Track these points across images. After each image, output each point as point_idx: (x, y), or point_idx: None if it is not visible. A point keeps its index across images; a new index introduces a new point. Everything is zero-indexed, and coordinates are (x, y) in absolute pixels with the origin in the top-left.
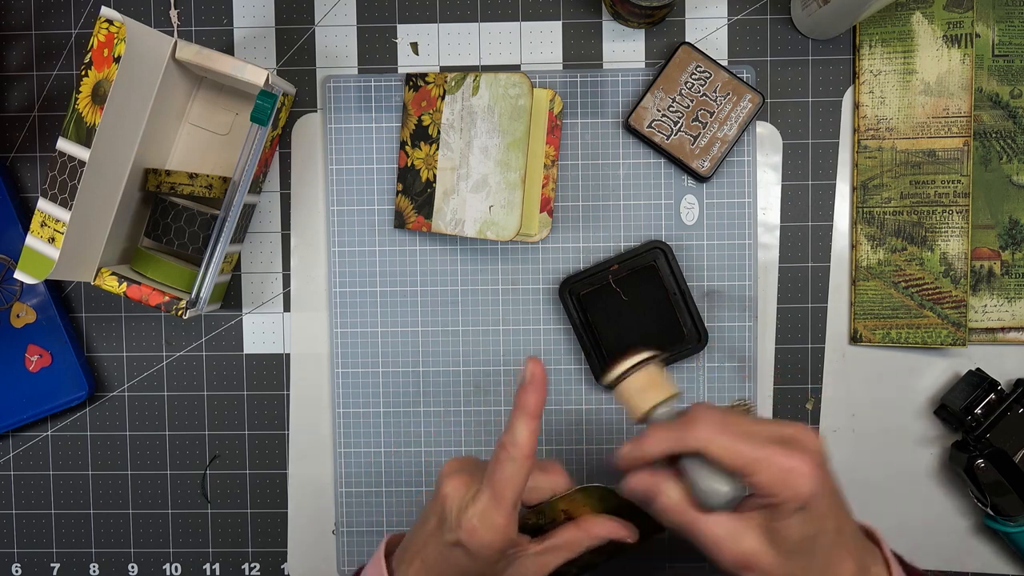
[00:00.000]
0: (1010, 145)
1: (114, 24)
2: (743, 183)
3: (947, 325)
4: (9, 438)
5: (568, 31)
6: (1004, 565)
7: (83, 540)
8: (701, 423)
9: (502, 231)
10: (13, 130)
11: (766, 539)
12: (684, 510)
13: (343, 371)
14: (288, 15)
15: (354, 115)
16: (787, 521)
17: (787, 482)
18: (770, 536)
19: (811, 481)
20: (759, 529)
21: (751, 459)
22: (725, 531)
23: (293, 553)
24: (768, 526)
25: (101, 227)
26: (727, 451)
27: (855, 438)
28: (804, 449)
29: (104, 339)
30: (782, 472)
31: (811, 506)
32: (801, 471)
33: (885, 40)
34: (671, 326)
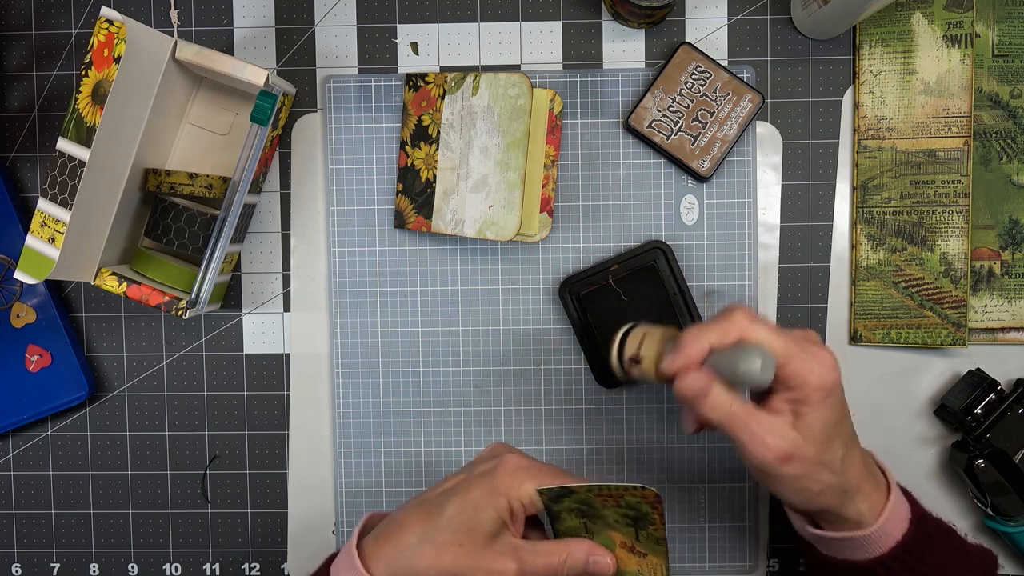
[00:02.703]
0: (1010, 145)
1: (114, 24)
2: (743, 183)
3: (947, 325)
4: (9, 438)
5: (568, 31)
6: (1004, 565)
7: (83, 540)
8: (739, 315)
9: (502, 231)
10: (13, 130)
11: (800, 428)
12: (732, 407)
13: (343, 371)
14: (288, 15)
15: (354, 115)
16: (814, 410)
17: (816, 370)
18: (803, 426)
19: (836, 370)
20: (789, 422)
21: (786, 346)
22: (768, 426)
23: (293, 553)
24: (797, 419)
25: (101, 227)
26: (769, 336)
27: None
28: (822, 345)
29: (104, 339)
30: (813, 359)
31: (833, 396)
32: (827, 361)
33: (885, 40)
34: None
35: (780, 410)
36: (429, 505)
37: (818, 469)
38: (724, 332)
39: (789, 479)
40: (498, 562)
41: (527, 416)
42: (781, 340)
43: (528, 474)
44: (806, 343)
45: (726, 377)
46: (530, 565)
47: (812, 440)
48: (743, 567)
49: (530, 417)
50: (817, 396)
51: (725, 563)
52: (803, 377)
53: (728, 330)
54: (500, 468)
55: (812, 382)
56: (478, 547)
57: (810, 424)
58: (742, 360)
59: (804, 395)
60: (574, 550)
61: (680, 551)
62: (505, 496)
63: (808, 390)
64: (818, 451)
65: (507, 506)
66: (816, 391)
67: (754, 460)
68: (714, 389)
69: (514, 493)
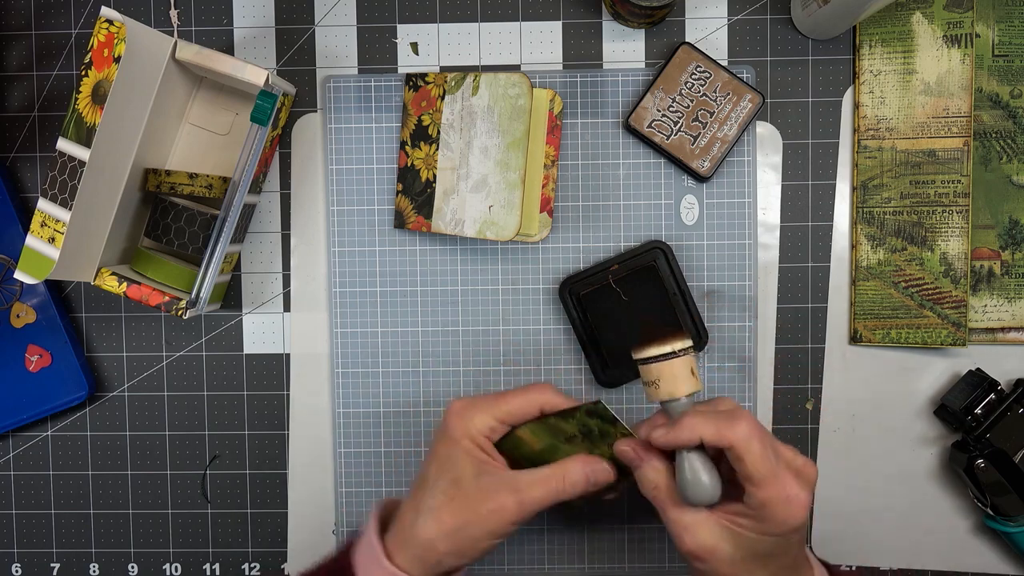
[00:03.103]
0: (1010, 145)
1: (114, 24)
2: (743, 183)
3: (947, 325)
4: (9, 438)
5: (568, 31)
6: (1004, 565)
7: (83, 540)
8: (744, 424)
9: (502, 231)
10: (13, 130)
11: (728, 538)
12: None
13: (343, 371)
14: (288, 15)
15: (354, 115)
16: (760, 537)
17: (787, 508)
18: (734, 539)
19: (804, 514)
20: (721, 527)
21: (769, 474)
22: (690, 520)
23: (293, 553)
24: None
25: (101, 227)
26: (756, 457)
27: (855, 438)
28: (807, 483)
29: (104, 339)
30: (788, 497)
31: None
32: (800, 502)
33: (885, 40)
34: (671, 326)
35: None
36: (416, 482)
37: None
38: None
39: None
40: (494, 500)
41: None
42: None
43: (471, 409)
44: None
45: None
46: (528, 495)
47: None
48: None
49: None
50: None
51: None
52: (770, 509)
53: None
54: (448, 417)
55: (779, 516)
56: (470, 495)
57: (745, 543)
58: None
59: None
60: (570, 468)
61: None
62: (465, 438)
63: (768, 524)
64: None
65: (472, 444)
66: (776, 527)
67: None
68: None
69: (471, 430)
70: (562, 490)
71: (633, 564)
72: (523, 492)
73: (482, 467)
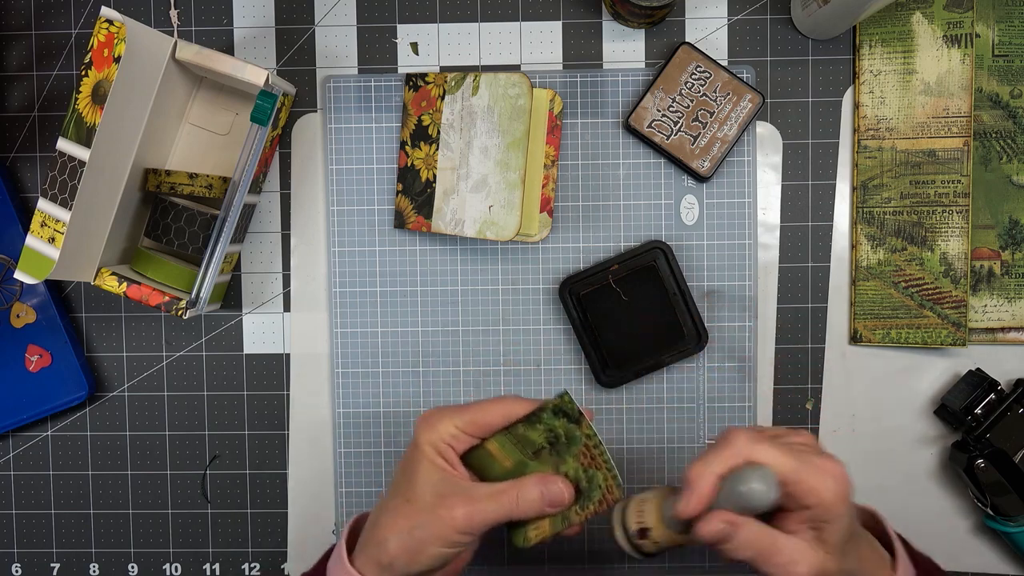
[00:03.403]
0: (1010, 145)
1: (114, 24)
2: (743, 183)
3: (947, 325)
4: (9, 438)
5: (568, 31)
6: (1004, 565)
7: (83, 540)
8: (741, 439)
9: (502, 231)
10: (13, 130)
11: (823, 549)
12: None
13: (343, 371)
14: (288, 15)
15: (354, 115)
16: (834, 524)
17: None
18: (824, 545)
19: (846, 481)
20: (815, 542)
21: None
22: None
23: (293, 553)
24: (818, 535)
25: (101, 227)
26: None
27: (855, 438)
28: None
29: (104, 339)
30: (824, 474)
31: (849, 505)
32: (838, 473)
33: (885, 40)
34: (671, 326)
35: (798, 530)
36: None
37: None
38: (727, 461)
39: None
40: (445, 506)
41: None
42: (788, 459)
43: (436, 416)
44: (810, 455)
45: (732, 506)
46: (480, 507)
47: (834, 553)
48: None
49: None
50: (837, 511)
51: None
52: (818, 495)
53: (733, 455)
54: (416, 423)
55: (828, 498)
56: (426, 500)
57: (830, 539)
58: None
59: (822, 512)
60: (526, 485)
61: (680, 550)
62: (427, 444)
63: (825, 507)
64: (839, 562)
65: (433, 452)
66: (834, 506)
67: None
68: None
69: (433, 438)
70: (515, 507)
71: (633, 564)
72: (475, 503)
73: (441, 474)
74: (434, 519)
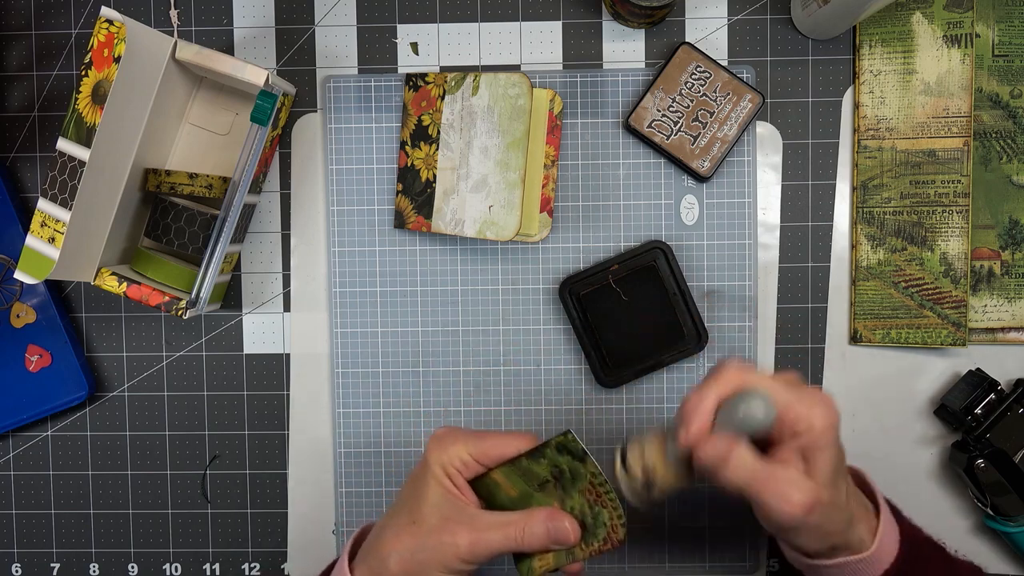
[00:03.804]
0: (1010, 145)
1: (114, 24)
2: (743, 183)
3: (947, 325)
4: (9, 438)
5: (568, 31)
6: (1004, 565)
7: (83, 540)
8: (733, 367)
9: (502, 231)
10: (13, 130)
11: (815, 479)
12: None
13: (343, 371)
14: (288, 15)
15: (354, 115)
16: (824, 452)
17: (821, 413)
18: (814, 474)
19: (836, 410)
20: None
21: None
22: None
23: (293, 553)
24: (809, 465)
25: (101, 227)
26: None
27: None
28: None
29: (104, 339)
30: (814, 401)
31: (838, 435)
32: (828, 401)
33: (885, 40)
34: (671, 326)
35: (789, 460)
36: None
37: (835, 510)
38: (722, 386)
39: (813, 528)
40: (450, 532)
41: (527, 416)
42: (779, 386)
43: (450, 439)
44: (803, 387)
45: (730, 430)
46: (485, 536)
47: (825, 484)
48: (743, 567)
49: (530, 417)
50: (826, 439)
51: (725, 563)
52: (808, 421)
53: (725, 383)
54: (428, 442)
55: (818, 425)
56: (429, 521)
57: (821, 468)
58: (743, 407)
59: (812, 439)
60: (533, 519)
61: (680, 551)
62: (437, 465)
63: (816, 434)
64: (832, 494)
65: (442, 473)
66: (825, 433)
67: (779, 517)
68: (735, 451)
69: (443, 460)
70: (520, 540)
71: (633, 564)
72: (480, 532)
73: (448, 498)
74: (438, 544)
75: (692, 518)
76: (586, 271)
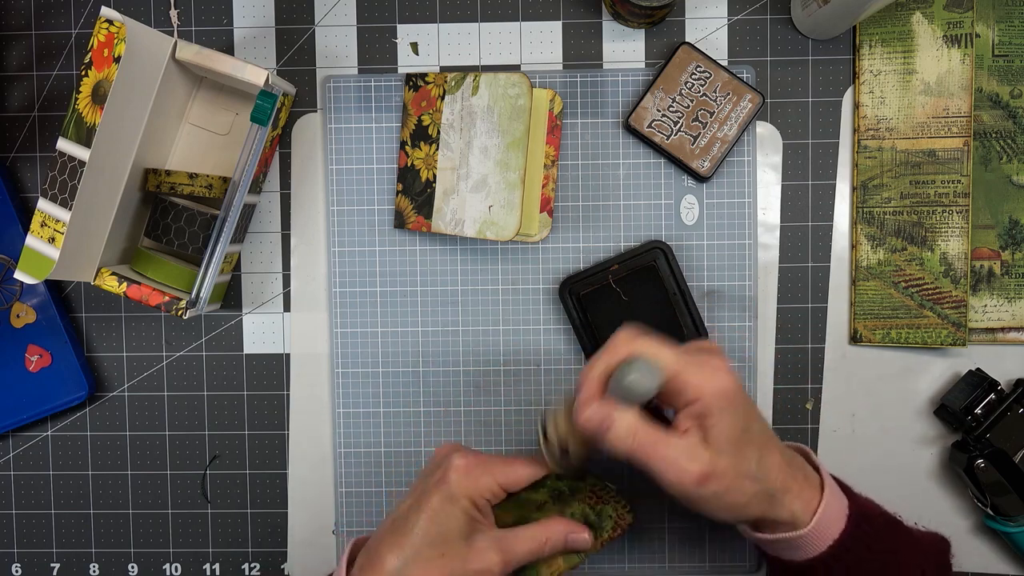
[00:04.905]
0: (1010, 145)
1: (114, 24)
2: (743, 183)
3: (947, 325)
4: (9, 438)
5: (568, 31)
6: (1004, 565)
7: (83, 540)
8: (622, 335)
9: (502, 231)
10: (13, 130)
11: (712, 446)
12: (638, 436)
13: (343, 371)
14: (288, 15)
15: (354, 115)
16: (719, 420)
17: (711, 378)
18: (711, 442)
19: (730, 375)
20: (702, 442)
21: (676, 357)
22: (680, 451)
23: (293, 553)
24: (705, 433)
25: (101, 227)
26: (656, 349)
27: (855, 438)
28: (712, 352)
29: (104, 339)
30: (705, 368)
31: (735, 402)
32: (720, 367)
33: (885, 40)
34: (671, 326)
35: (687, 428)
36: (399, 525)
37: (738, 481)
38: (611, 354)
39: (711, 498)
40: (482, 559)
41: (527, 416)
42: (670, 352)
43: (479, 470)
44: (698, 353)
45: (619, 398)
46: (513, 553)
47: (724, 453)
48: (743, 567)
49: (530, 417)
50: (718, 405)
51: (725, 563)
52: (699, 388)
53: (614, 351)
54: (451, 473)
55: (708, 390)
56: (460, 551)
57: (718, 436)
58: (628, 375)
59: (705, 406)
60: (553, 530)
61: (680, 551)
62: (465, 497)
63: (707, 400)
64: (733, 463)
65: (471, 505)
66: (716, 399)
67: (671, 486)
68: (616, 419)
69: (473, 492)
70: (542, 552)
71: (633, 564)
72: (509, 553)
73: (475, 526)
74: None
75: (692, 518)
76: (586, 271)
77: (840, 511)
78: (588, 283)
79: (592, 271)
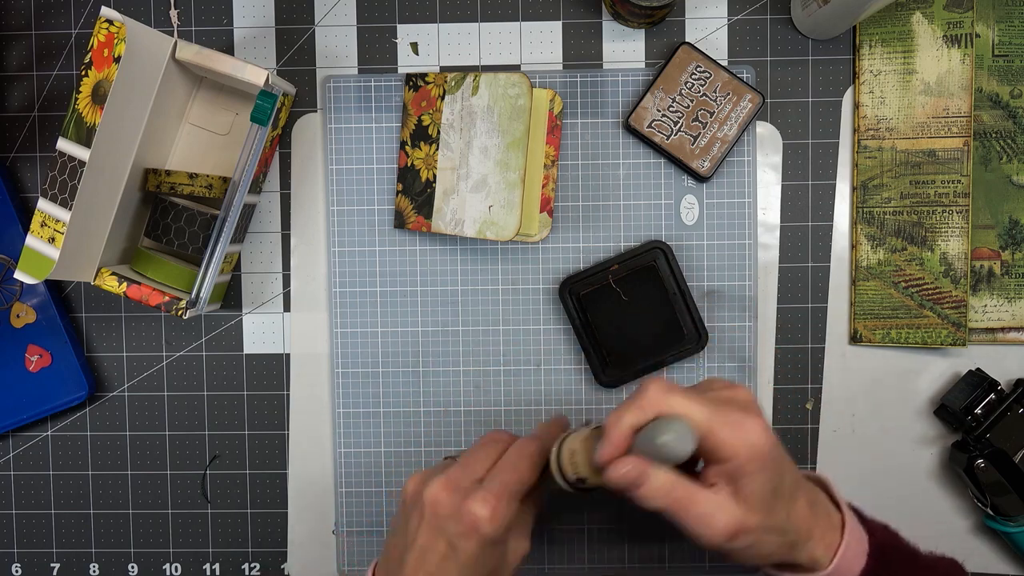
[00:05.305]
0: (1010, 145)
1: (114, 24)
2: (743, 183)
3: (947, 325)
4: (9, 438)
5: (568, 31)
6: (1004, 565)
7: (83, 540)
8: (653, 389)
9: (502, 231)
10: (13, 130)
11: (737, 501)
12: (672, 492)
13: (343, 371)
14: (288, 15)
15: (354, 115)
16: (752, 479)
17: (745, 440)
18: (744, 501)
19: (765, 435)
20: (734, 497)
21: (708, 416)
22: (712, 506)
23: (293, 553)
24: (737, 489)
25: (101, 227)
26: (687, 407)
27: (855, 438)
28: (747, 407)
29: (104, 339)
30: (739, 429)
31: (768, 462)
32: (755, 429)
33: (885, 40)
34: (671, 326)
35: (717, 483)
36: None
37: (766, 535)
38: (641, 410)
39: (740, 551)
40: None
41: (527, 416)
42: (702, 410)
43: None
44: (729, 410)
45: (649, 456)
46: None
47: (755, 509)
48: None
49: (530, 417)
50: (753, 465)
51: (725, 563)
52: (733, 449)
53: (644, 407)
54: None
55: (744, 453)
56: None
57: (750, 494)
58: (657, 435)
59: (738, 467)
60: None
61: (680, 551)
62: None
63: (740, 461)
64: (763, 518)
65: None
66: (750, 462)
67: (700, 539)
68: (651, 475)
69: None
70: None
71: (633, 564)
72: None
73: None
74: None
75: None
76: (586, 271)
77: (860, 550)
78: (588, 283)
79: (592, 271)
